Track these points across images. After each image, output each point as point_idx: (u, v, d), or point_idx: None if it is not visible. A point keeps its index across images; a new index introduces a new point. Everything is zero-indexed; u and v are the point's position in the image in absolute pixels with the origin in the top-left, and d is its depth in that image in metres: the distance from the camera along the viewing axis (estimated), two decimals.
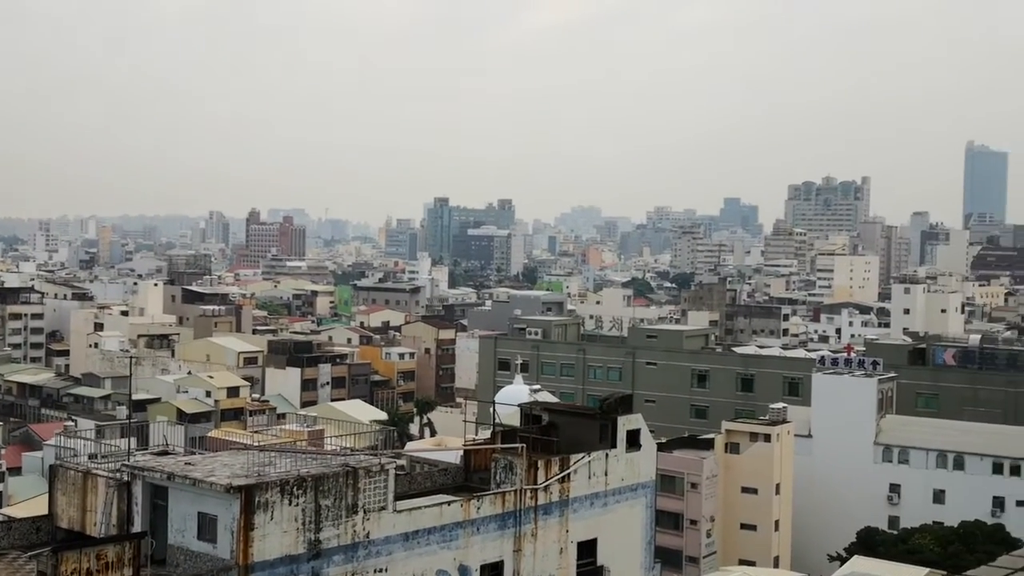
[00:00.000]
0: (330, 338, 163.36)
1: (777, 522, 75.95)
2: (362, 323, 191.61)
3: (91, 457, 35.28)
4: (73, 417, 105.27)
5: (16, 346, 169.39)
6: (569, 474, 38.50)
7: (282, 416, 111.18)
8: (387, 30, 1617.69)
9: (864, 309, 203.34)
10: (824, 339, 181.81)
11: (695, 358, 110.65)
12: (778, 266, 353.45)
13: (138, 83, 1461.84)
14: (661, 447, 59.58)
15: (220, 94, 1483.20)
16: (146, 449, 36.89)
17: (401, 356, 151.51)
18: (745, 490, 76.04)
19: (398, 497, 33.67)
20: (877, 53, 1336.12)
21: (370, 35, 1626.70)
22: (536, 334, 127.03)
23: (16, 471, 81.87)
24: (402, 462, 46.20)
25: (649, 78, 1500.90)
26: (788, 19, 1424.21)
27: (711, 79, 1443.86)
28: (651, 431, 43.18)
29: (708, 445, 78.54)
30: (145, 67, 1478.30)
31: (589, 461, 39.29)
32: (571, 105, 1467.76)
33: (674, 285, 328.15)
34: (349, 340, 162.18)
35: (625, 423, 41.01)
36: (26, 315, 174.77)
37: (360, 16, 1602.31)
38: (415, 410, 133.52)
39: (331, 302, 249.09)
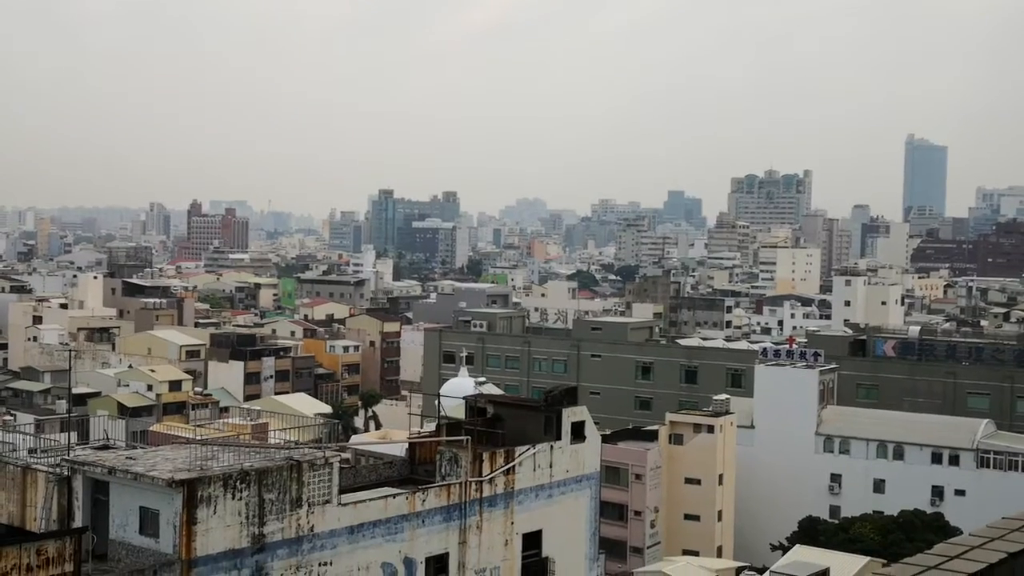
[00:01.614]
0: (274, 331, 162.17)
1: (720, 512, 76.71)
2: (306, 316, 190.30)
3: (31, 452, 34.78)
4: (12, 411, 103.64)
5: None
6: (514, 466, 38.61)
7: (225, 410, 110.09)
8: (334, 21, 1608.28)
9: (806, 301, 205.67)
10: (767, 331, 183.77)
11: (639, 350, 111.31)
12: (721, 259, 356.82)
13: (75, 76, 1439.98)
14: (606, 439, 59.93)
15: (160, 86, 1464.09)
16: (87, 444, 36.41)
17: (345, 349, 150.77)
18: (689, 481, 76.68)
19: (343, 490, 33.57)
20: (813, 42, 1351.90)
21: (314, 26, 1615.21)
22: (481, 327, 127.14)
23: None
24: (347, 455, 46.01)
25: (582, 72, 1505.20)
26: (723, 8, 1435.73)
27: (652, 71, 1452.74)
28: (596, 423, 43.44)
29: (652, 436, 79.06)
30: (81, 60, 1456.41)
31: (534, 453, 39.42)
32: (512, 100, 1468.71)
33: (619, 278, 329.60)
34: (293, 333, 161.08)
35: (570, 415, 41.20)
36: None
37: (309, 7, 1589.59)
38: (360, 403, 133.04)
39: (274, 295, 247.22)
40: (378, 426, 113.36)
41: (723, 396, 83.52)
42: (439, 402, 42.97)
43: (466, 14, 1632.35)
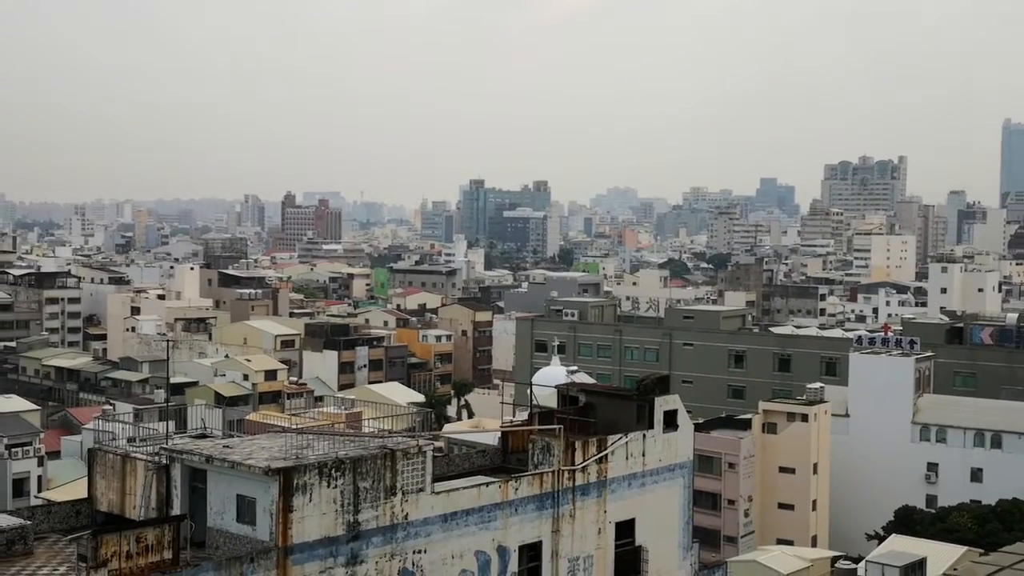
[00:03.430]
0: (367, 321, 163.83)
1: (815, 502, 75.54)
2: (399, 305, 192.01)
3: (130, 440, 35.42)
4: (111, 401, 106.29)
5: (54, 330, 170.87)
6: (606, 455, 38.32)
7: (320, 399, 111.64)
8: (410, 17, 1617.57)
9: (901, 289, 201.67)
10: (861, 319, 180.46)
11: (732, 338, 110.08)
12: (815, 246, 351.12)
13: (171, 73, 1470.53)
14: (698, 427, 59.34)
15: (253, 84, 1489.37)
16: (184, 432, 37.01)
17: (438, 338, 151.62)
18: (783, 470, 75.66)
19: (436, 479, 33.60)
20: (908, 27, 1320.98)
21: (397, 21, 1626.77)
22: (573, 315, 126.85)
23: (55, 455, 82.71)
24: (440, 444, 46.24)
25: (675, 59, 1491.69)
26: None
27: (741, 57, 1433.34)
28: (688, 412, 42.90)
29: (745, 425, 78.18)
30: (174, 58, 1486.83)
31: (627, 442, 39.09)
32: (602, 87, 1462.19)
33: (711, 266, 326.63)
34: (386, 323, 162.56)
35: (662, 404, 40.76)
36: (63, 300, 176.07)
37: (382, 4, 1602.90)
38: (452, 392, 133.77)
39: (367, 285, 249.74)
40: (471, 415, 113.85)
41: (817, 384, 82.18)
42: (531, 391, 42.82)
43: (555, 1, 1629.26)
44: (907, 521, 68.36)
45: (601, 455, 38.12)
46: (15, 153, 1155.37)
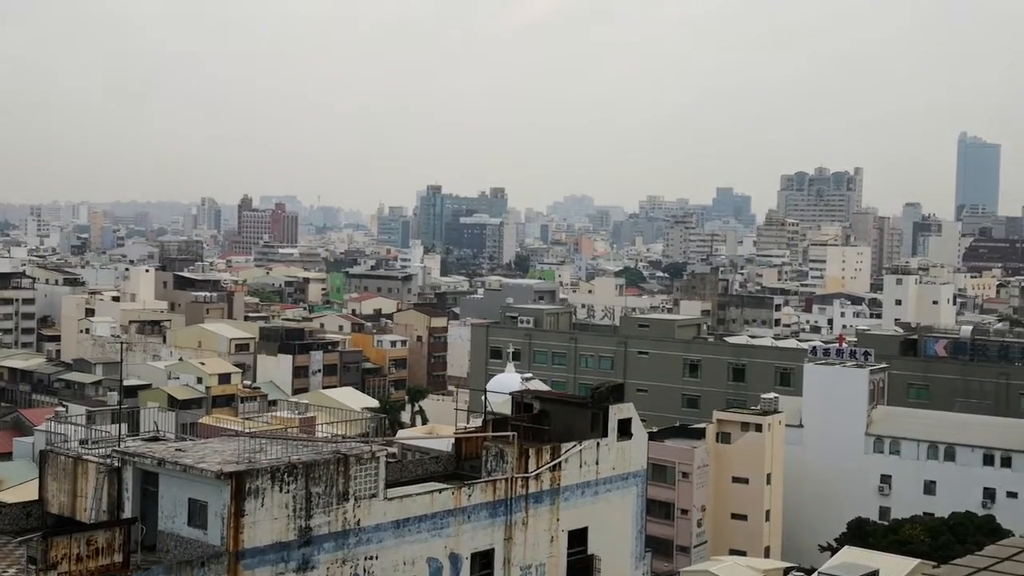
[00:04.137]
0: (322, 325, 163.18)
1: (768, 512, 76.06)
2: (354, 310, 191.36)
3: (82, 443, 35.19)
4: (64, 403, 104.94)
5: (7, 331, 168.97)
6: (560, 463, 38.49)
7: (273, 403, 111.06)
8: (377, 21, 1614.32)
9: (856, 300, 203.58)
10: (816, 329, 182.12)
11: (687, 347, 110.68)
12: (770, 256, 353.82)
13: (128, 69, 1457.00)
14: (652, 436, 59.57)
15: (213, 81, 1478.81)
16: (137, 435, 36.80)
17: (393, 344, 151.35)
18: (736, 480, 76.08)
19: (389, 485, 33.64)
20: (865, 41, 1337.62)
21: (360, 26, 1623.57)
22: (528, 323, 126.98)
23: (7, 456, 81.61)
24: (393, 450, 46.20)
25: (634, 68, 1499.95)
26: (775, 6, 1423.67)
27: (700, 68, 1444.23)
28: (643, 420, 43.16)
29: (699, 435, 78.55)
30: (135, 59, 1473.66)
31: (580, 450, 39.29)
32: (561, 95, 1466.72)
33: (666, 275, 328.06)
34: (341, 327, 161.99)
35: (616, 412, 41.00)
36: (17, 300, 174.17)
37: (351, 8, 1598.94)
38: (407, 398, 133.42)
39: (323, 289, 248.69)
40: (424, 421, 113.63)
41: (771, 395, 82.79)
42: (485, 398, 42.94)
43: (515, 10, 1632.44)
44: (860, 533, 68.86)
45: (555, 463, 38.28)
46: None
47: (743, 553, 69.42)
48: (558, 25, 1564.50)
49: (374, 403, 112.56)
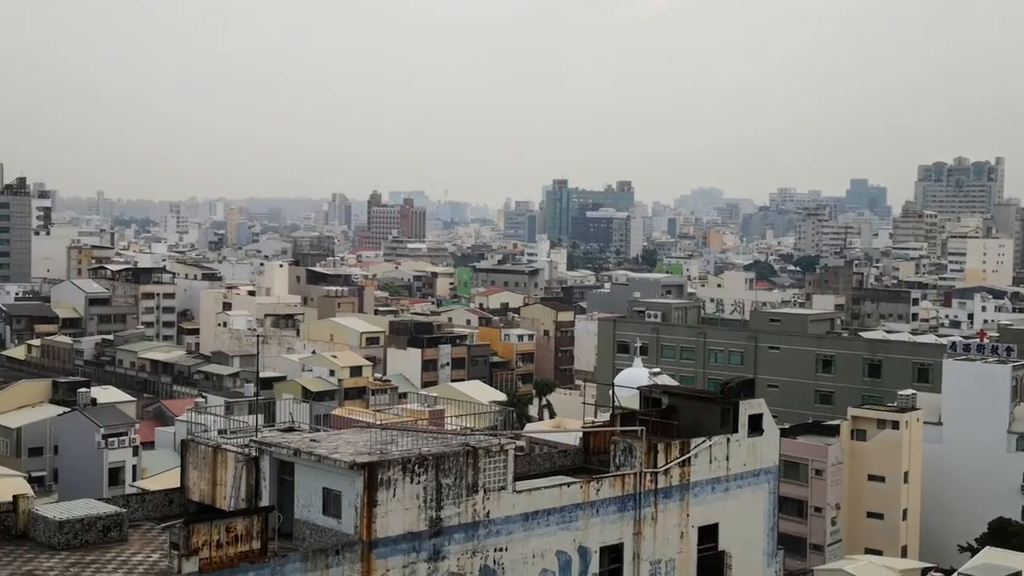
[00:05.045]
0: (450, 319, 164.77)
1: (905, 511, 74.02)
2: (481, 304, 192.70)
3: (220, 433, 36.14)
4: (203, 393, 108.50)
5: (149, 324, 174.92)
6: (690, 458, 38.08)
7: (403, 395, 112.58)
8: (503, 16, 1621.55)
9: (998, 293, 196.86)
10: (956, 324, 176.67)
11: (820, 342, 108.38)
12: (907, 249, 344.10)
13: (263, 72, 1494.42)
14: (784, 433, 58.53)
15: (344, 83, 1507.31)
16: (273, 426, 37.65)
17: (520, 338, 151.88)
18: (872, 478, 74.25)
19: (517, 478, 33.72)
20: (1010, 19, 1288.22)
21: (486, 23, 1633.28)
22: (655, 317, 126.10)
23: (150, 445, 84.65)
24: (521, 443, 46.30)
25: (766, 60, 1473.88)
26: None
27: (833, 60, 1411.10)
28: (774, 416, 42.42)
29: (833, 431, 76.92)
30: (271, 58, 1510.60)
31: (710, 445, 38.81)
32: (691, 85, 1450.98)
33: (798, 268, 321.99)
34: (468, 321, 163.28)
35: (747, 407, 40.39)
36: (158, 295, 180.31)
37: (476, 7, 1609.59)
38: (534, 391, 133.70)
39: (451, 283, 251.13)
40: (552, 415, 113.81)
41: (909, 391, 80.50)
42: (613, 392, 42.69)
43: (641, 2, 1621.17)
44: (1002, 533, 66.66)
45: (684, 458, 37.90)
46: (114, 154, 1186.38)
47: (879, 552, 67.77)
48: (680, 15, 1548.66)
49: (501, 396, 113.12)
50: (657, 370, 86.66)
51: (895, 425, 74.31)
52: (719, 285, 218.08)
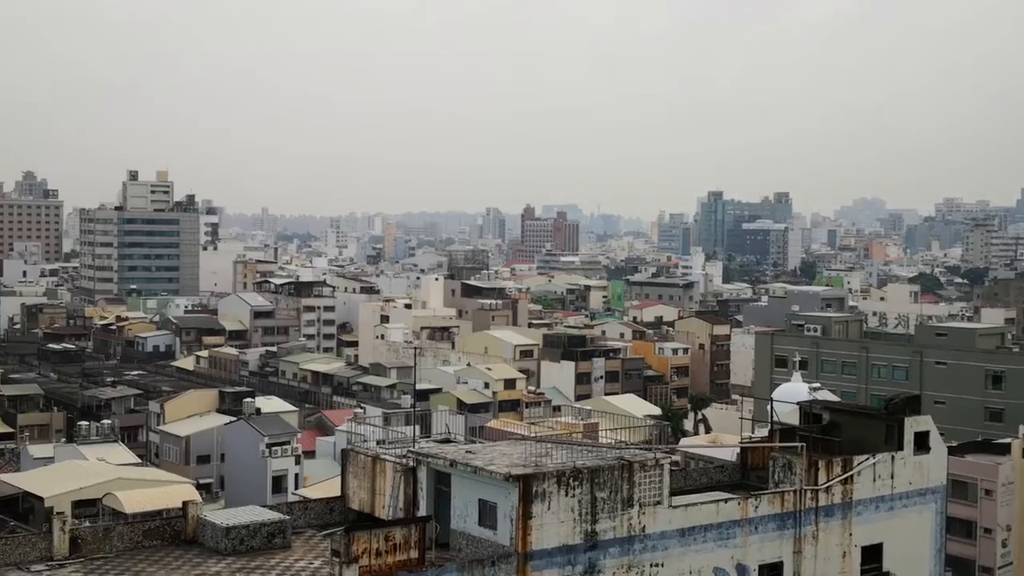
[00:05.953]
0: (603, 332, 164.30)
1: None
2: (635, 318, 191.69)
3: (379, 443, 36.86)
4: (362, 404, 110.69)
5: (310, 336, 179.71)
6: (852, 476, 37.02)
7: (557, 408, 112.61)
8: (660, 28, 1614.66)
9: None
10: None
11: (989, 358, 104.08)
12: None
13: (420, 93, 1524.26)
14: (952, 451, 56.37)
15: (497, 100, 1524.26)
16: (429, 437, 38.20)
17: (675, 351, 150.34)
18: None
19: (673, 492, 33.35)
20: None
21: (642, 35, 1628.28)
22: (815, 331, 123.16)
23: (311, 454, 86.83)
24: (677, 457, 45.79)
25: (925, 68, 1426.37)
26: None
27: (995, 64, 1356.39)
28: (941, 434, 40.92)
29: (1004, 450, 73.67)
30: (425, 77, 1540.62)
31: (874, 463, 37.66)
32: (850, 94, 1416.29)
33: (966, 281, 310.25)
34: (622, 335, 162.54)
35: (913, 424, 39.06)
36: (319, 308, 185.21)
37: (614, 23, 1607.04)
38: (689, 406, 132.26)
39: (604, 296, 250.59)
40: (707, 430, 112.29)
41: None
42: (772, 407, 41.85)
43: (803, 9, 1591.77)
44: None
45: (847, 476, 36.86)
46: (278, 171, 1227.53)
47: None
48: (846, 23, 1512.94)
49: (656, 410, 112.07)
50: (817, 385, 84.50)
51: None
52: (882, 298, 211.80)
